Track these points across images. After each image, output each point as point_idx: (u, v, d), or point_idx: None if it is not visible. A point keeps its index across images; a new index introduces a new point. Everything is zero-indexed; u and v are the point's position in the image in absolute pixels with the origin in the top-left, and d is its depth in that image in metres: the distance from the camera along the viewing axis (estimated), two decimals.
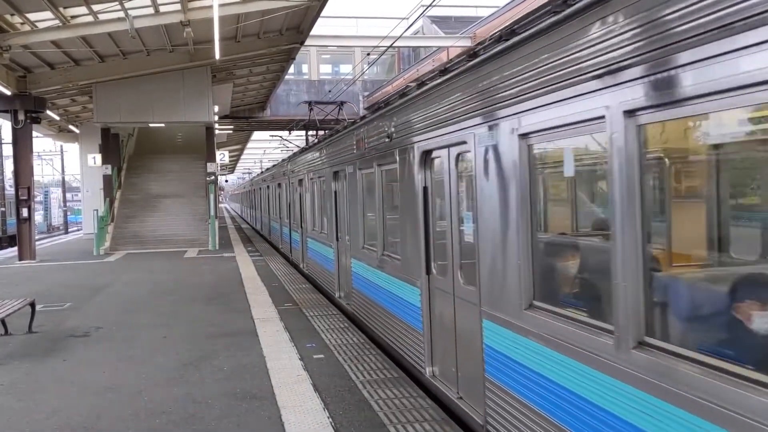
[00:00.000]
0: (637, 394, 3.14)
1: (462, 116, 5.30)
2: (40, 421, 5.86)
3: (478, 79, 4.99)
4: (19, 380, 7.19)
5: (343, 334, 8.87)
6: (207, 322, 10.03)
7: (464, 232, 5.66)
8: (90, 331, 9.68)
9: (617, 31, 3.23)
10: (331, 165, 11.67)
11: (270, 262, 18.48)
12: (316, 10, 18.63)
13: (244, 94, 32.52)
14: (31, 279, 16.26)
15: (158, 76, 23.54)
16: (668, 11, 2.84)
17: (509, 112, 4.43)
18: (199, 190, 27.12)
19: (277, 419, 5.67)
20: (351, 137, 9.88)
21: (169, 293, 13.17)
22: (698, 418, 2.72)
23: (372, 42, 26.85)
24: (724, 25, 2.55)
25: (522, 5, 20.98)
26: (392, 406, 5.89)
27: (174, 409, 6.06)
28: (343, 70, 39.90)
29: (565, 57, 3.69)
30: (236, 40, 21.27)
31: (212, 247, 23.20)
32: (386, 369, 7.10)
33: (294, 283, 13.91)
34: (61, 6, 16.12)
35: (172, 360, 7.85)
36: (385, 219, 8.37)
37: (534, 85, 4.05)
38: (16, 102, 20.46)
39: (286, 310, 10.80)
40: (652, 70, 2.96)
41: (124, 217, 25.53)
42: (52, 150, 63.50)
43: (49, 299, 12.52)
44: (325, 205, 12.47)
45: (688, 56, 2.74)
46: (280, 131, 39.64)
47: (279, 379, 6.84)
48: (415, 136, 6.59)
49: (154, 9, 17.18)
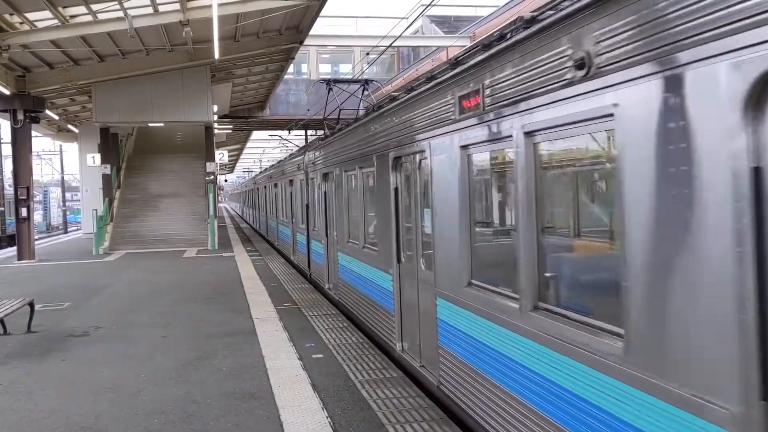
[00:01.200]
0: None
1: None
2: (39, 421, 5.85)
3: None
4: (18, 380, 7.19)
5: (342, 334, 8.87)
6: (206, 322, 10.03)
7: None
8: (89, 331, 9.68)
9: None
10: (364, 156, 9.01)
11: (269, 261, 18.48)
12: (316, 10, 18.64)
13: (243, 94, 32.53)
14: (30, 279, 16.26)
15: (157, 76, 23.54)
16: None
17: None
18: (199, 189, 27.13)
19: (276, 419, 5.67)
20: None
21: (168, 293, 13.17)
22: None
23: (371, 41, 26.88)
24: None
25: (521, 5, 20.98)
26: (391, 405, 5.89)
27: (173, 408, 6.07)
28: (342, 69, 39.88)
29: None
30: (235, 40, 21.27)
31: (211, 246, 23.20)
32: (385, 369, 7.10)
33: (293, 283, 13.91)
34: (60, 6, 16.11)
35: (171, 360, 7.85)
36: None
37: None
38: (15, 101, 20.45)
39: (285, 310, 10.80)
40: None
41: (124, 217, 25.53)
42: (51, 150, 63.57)
43: (49, 299, 12.52)
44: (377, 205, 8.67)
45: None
46: (280, 131, 39.67)
47: (278, 379, 6.84)
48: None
49: (153, 9, 17.17)
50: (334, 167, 11.09)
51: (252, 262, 18.56)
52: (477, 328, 5.14)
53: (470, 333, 5.28)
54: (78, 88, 23.81)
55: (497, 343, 4.77)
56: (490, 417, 4.92)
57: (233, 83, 28.47)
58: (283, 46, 22.64)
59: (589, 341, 3.53)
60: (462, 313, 5.44)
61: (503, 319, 4.62)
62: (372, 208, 8.91)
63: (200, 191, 26.91)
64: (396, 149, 7.29)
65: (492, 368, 4.88)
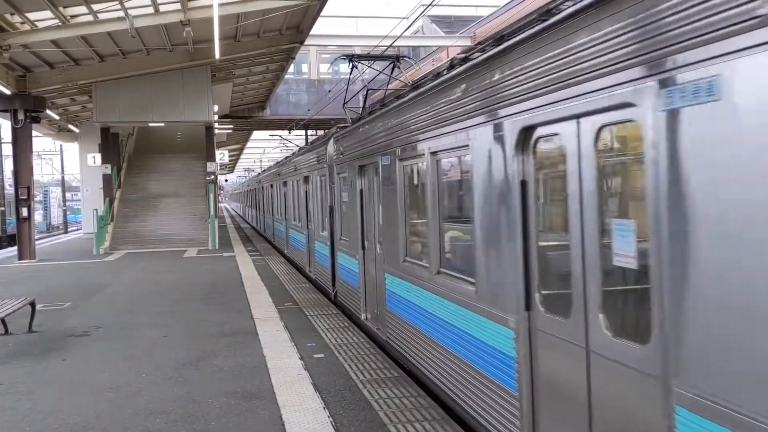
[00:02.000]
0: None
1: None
2: (39, 421, 5.85)
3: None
4: (18, 380, 7.18)
5: (344, 333, 8.86)
6: (207, 322, 10.02)
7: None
8: (90, 331, 9.67)
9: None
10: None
11: (269, 261, 18.47)
12: (316, 10, 18.63)
13: (243, 94, 32.52)
14: (30, 278, 16.25)
15: (158, 76, 23.53)
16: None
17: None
18: (199, 189, 27.12)
19: (278, 418, 5.66)
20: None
21: (168, 293, 13.16)
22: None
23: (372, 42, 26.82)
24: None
25: (521, 5, 20.97)
26: (392, 405, 5.88)
27: (173, 408, 6.05)
28: (342, 69, 39.85)
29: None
30: (236, 40, 21.26)
31: (212, 246, 23.19)
32: (387, 368, 7.09)
33: (294, 283, 13.90)
34: (60, 5, 16.11)
35: (171, 359, 7.84)
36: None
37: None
38: (15, 101, 20.44)
39: (286, 310, 10.79)
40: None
41: (124, 217, 25.52)
42: (51, 149, 63.57)
43: (49, 299, 12.52)
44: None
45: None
46: (280, 131, 39.63)
47: (279, 379, 6.83)
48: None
49: (153, 8, 17.17)
50: (381, 155, 8.06)
51: (252, 261, 18.56)
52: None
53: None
54: (78, 88, 23.80)
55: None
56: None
57: (234, 83, 28.45)
58: (283, 46, 22.64)
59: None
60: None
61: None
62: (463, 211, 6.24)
63: (201, 191, 26.91)
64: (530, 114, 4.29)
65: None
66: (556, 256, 4.11)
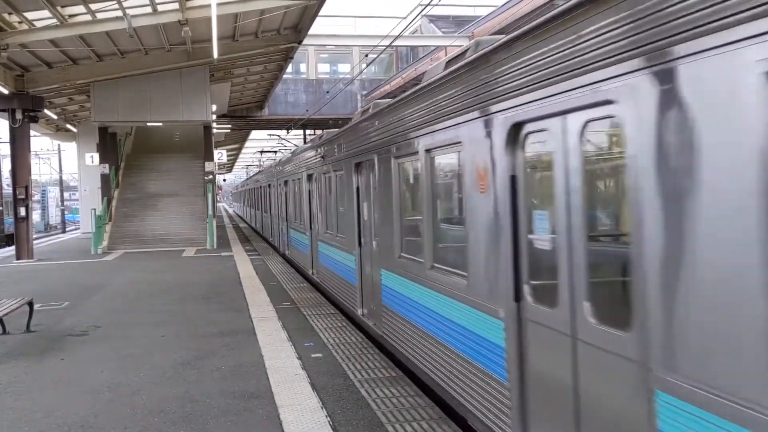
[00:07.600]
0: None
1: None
2: (37, 420, 5.85)
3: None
4: (16, 379, 7.19)
5: (342, 333, 8.87)
6: (205, 321, 10.03)
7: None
8: (88, 330, 9.68)
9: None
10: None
11: (268, 261, 18.48)
12: (314, 10, 18.64)
13: (242, 93, 32.53)
14: (28, 278, 16.24)
15: (156, 75, 23.54)
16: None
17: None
18: (197, 189, 27.11)
19: (275, 418, 5.67)
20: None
21: (167, 292, 13.17)
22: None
23: (370, 41, 26.85)
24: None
25: (520, 5, 20.98)
26: (390, 404, 5.89)
27: (172, 408, 6.06)
28: (341, 69, 39.88)
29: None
30: (234, 39, 21.27)
31: (210, 246, 23.20)
32: (384, 368, 7.10)
33: (292, 282, 13.91)
34: (59, 5, 16.10)
35: (169, 359, 7.85)
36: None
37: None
38: (13, 101, 20.42)
39: (284, 309, 10.80)
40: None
41: (122, 216, 25.51)
42: (49, 149, 63.41)
43: (47, 298, 12.51)
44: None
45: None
46: (278, 130, 39.67)
47: (277, 378, 6.84)
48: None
49: (152, 8, 17.17)
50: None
51: (251, 261, 18.56)
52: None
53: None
54: (76, 88, 23.80)
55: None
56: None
57: (232, 83, 28.46)
58: (281, 45, 22.64)
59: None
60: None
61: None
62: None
63: (199, 191, 26.90)
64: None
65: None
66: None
